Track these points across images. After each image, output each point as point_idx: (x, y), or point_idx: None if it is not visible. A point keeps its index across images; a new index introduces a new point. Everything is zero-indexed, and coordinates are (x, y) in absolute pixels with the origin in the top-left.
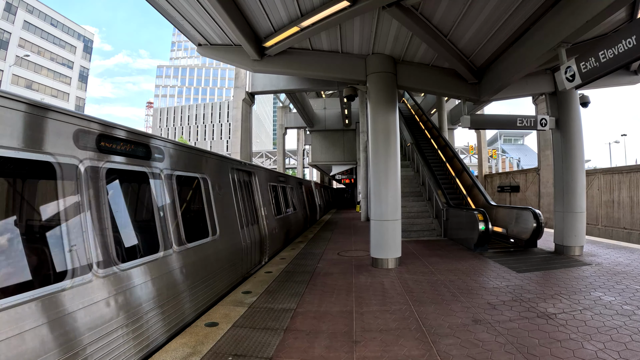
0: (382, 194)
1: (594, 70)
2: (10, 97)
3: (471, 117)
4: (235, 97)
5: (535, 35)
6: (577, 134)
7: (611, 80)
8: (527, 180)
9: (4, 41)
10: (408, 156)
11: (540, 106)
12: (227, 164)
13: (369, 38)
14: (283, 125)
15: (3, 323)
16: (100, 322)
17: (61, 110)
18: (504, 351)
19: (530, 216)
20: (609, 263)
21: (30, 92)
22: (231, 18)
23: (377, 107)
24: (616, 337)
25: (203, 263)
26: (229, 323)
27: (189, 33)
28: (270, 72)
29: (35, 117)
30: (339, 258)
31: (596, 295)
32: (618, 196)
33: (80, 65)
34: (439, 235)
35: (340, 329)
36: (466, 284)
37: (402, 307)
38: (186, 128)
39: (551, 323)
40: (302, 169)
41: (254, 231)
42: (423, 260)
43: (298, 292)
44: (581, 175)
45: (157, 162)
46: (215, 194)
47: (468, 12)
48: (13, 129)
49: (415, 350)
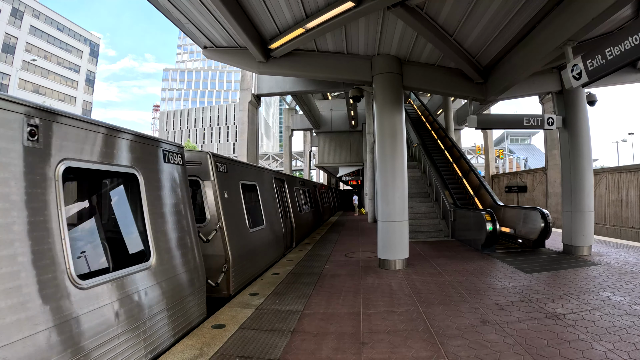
0: (389, 195)
1: (600, 68)
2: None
3: (478, 117)
4: (241, 100)
5: (541, 33)
6: (584, 132)
7: (617, 79)
8: (534, 180)
9: (11, 46)
10: (415, 157)
11: (547, 105)
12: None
13: (374, 39)
14: (289, 127)
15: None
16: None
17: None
18: (513, 352)
19: (538, 216)
20: (617, 263)
21: (38, 96)
22: (236, 20)
23: (383, 107)
24: (626, 337)
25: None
26: (236, 325)
27: (194, 36)
28: (276, 74)
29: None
30: (347, 259)
31: (605, 295)
32: (626, 195)
33: (86, 69)
34: (447, 236)
35: (348, 330)
36: (474, 284)
37: (409, 309)
38: (192, 131)
39: (560, 323)
40: (309, 171)
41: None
42: (430, 261)
43: (305, 293)
44: (589, 175)
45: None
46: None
47: (473, 11)
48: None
49: (423, 352)
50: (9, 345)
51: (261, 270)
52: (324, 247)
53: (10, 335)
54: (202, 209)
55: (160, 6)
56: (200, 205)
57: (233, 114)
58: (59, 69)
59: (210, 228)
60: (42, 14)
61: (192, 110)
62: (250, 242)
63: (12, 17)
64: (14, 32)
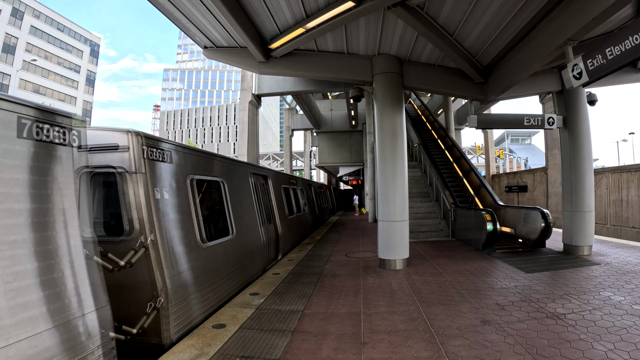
0: (390, 194)
1: (601, 68)
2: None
3: (478, 116)
4: (241, 100)
5: (541, 33)
6: (584, 132)
7: (617, 78)
8: (534, 180)
9: (11, 46)
10: (415, 157)
11: (547, 105)
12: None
13: (375, 38)
14: (290, 127)
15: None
16: None
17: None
18: (513, 352)
19: (539, 216)
20: (618, 262)
21: (38, 96)
22: (236, 20)
23: (383, 107)
24: (626, 337)
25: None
26: (237, 325)
27: (195, 36)
28: (277, 74)
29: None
30: (347, 259)
31: (606, 295)
32: (627, 195)
33: (87, 69)
34: (447, 236)
35: (348, 330)
36: (474, 284)
37: (410, 309)
38: (193, 131)
39: (560, 323)
40: (309, 170)
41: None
42: (431, 261)
43: (306, 293)
44: (589, 174)
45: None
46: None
47: (473, 11)
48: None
49: (423, 352)
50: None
51: (227, 297)
52: (325, 246)
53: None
54: (119, 217)
55: (160, 6)
56: (117, 211)
57: (233, 114)
58: (59, 69)
59: (130, 245)
60: (42, 14)
61: (192, 110)
62: (204, 261)
63: (13, 17)
64: (14, 32)
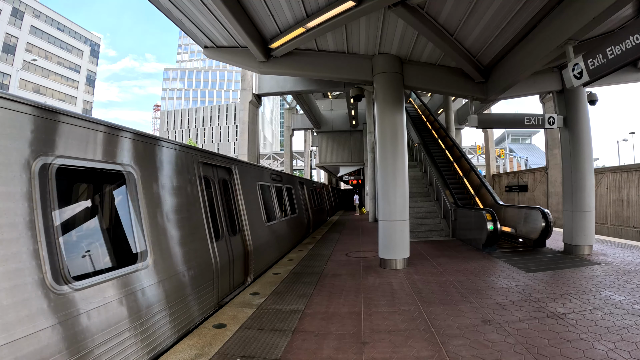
0: (390, 194)
1: (601, 67)
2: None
3: (478, 116)
4: (242, 99)
5: (542, 32)
6: (585, 132)
7: (618, 78)
8: (535, 180)
9: (11, 46)
10: (415, 156)
11: (548, 105)
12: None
13: (375, 38)
14: (290, 127)
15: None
16: None
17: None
18: (514, 352)
19: (539, 215)
20: (618, 262)
21: (39, 96)
22: (237, 19)
23: (384, 107)
24: (627, 337)
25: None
26: (237, 324)
27: (195, 35)
28: (277, 73)
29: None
30: (347, 259)
31: (606, 294)
32: (627, 195)
33: (87, 69)
34: (447, 235)
35: (349, 330)
36: (475, 284)
37: (410, 308)
38: (193, 130)
39: (561, 323)
40: (310, 170)
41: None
42: (431, 260)
43: (306, 293)
44: (590, 174)
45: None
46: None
47: (474, 10)
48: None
49: (424, 351)
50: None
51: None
52: (325, 246)
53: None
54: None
55: (160, 6)
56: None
57: (234, 114)
58: (59, 69)
59: None
60: (42, 14)
61: (192, 110)
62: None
63: (13, 17)
64: (14, 32)
